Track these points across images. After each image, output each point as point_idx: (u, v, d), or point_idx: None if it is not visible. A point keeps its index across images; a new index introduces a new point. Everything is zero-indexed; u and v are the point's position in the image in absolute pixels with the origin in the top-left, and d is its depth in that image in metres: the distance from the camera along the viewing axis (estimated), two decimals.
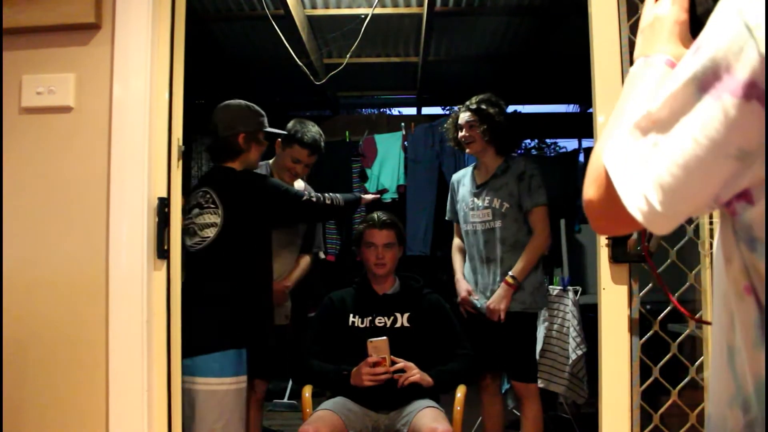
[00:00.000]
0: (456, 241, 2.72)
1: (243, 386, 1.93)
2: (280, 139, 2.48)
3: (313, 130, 2.48)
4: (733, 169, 0.52)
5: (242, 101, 2.12)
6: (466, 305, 2.51)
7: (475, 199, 2.52)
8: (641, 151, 0.56)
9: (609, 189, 0.59)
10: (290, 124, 2.47)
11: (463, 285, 2.55)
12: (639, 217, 0.56)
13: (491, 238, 2.47)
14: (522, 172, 2.46)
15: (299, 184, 2.66)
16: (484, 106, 2.46)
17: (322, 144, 2.51)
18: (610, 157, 0.59)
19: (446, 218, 2.76)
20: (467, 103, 2.52)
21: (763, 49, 0.47)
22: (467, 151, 2.54)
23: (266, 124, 2.13)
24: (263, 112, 2.13)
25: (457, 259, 2.68)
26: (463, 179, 2.65)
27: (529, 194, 2.43)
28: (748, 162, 0.51)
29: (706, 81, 0.52)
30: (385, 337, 2.12)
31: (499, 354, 2.46)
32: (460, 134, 2.51)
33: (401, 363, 2.12)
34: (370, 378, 2.10)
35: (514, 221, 2.45)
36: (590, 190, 0.62)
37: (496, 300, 2.39)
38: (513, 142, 2.57)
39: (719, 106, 0.51)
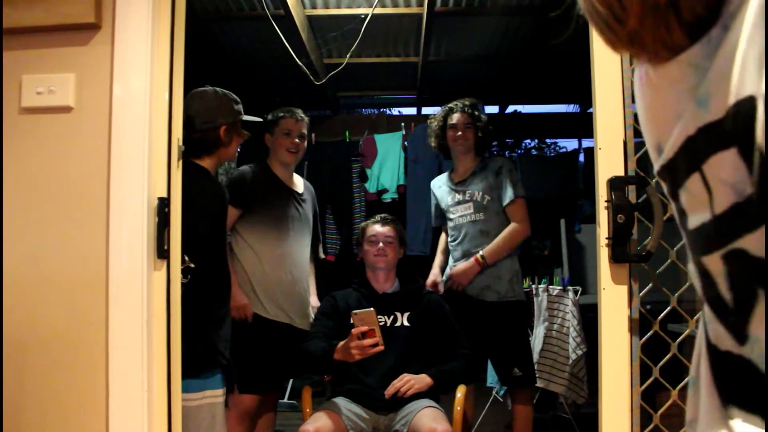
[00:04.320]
0: (442, 238, 2.79)
1: (212, 401, 1.76)
2: (267, 134, 2.53)
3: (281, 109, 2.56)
4: None
5: (217, 88, 1.96)
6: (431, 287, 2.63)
7: (456, 195, 2.60)
8: None
9: None
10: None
11: (432, 276, 2.69)
12: None
13: (473, 230, 2.51)
14: (500, 167, 2.56)
15: (299, 181, 2.64)
16: (476, 111, 2.60)
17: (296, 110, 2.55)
18: None
19: (433, 225, 2.82)
20: (460, 105, 2.62)
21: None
22: (458, 149, 2.62)
23: (243, 112, 1.99)
24: (238, 99, 1.99)
25: (438, 255, 2.77)
26: (440, 183, 2.74)
27: (508, 187, 2.51)
28: None
29: None
30: (371, 308, 2.00)
31: (488, 349, 2.51)
32: (455, 134, 2.59)
33: (394, 386, 2.10)
34: (358, 351, 1.97)
35: (496, 214, 2.51)
36: None
37: (458, 270, 2.48)
38: (491, 144, 2.73)
39: None
